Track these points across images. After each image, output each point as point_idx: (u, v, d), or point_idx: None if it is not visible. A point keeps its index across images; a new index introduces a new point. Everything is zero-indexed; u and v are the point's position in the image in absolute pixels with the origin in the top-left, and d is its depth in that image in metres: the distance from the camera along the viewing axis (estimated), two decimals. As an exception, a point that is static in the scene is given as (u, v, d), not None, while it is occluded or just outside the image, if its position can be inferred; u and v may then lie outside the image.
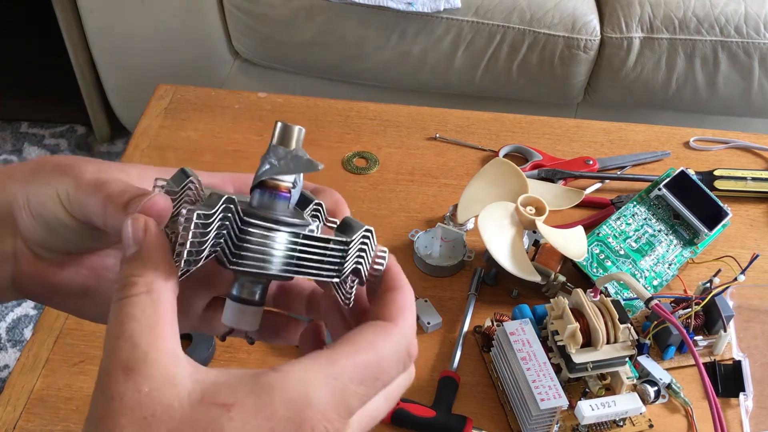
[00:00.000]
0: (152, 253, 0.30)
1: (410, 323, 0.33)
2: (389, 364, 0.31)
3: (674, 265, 0.73)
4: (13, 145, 1.98)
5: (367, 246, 0.34)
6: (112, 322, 0.28)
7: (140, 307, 0.28)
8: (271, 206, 0.32)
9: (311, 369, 0.28)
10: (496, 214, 0.69)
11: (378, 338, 0.31)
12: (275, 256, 0.31)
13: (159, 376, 0.27)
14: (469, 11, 1.43)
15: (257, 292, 0.34)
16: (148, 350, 0.27)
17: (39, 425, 0.61)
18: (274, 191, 0.33)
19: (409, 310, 0.33)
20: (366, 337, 0.31)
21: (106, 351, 0.28)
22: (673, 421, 0.63)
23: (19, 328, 1.57)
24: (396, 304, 0.33)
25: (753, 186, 0.82)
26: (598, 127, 0.92)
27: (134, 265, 0.30)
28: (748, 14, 1.43)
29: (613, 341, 0.60)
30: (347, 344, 0.30)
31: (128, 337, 0.27)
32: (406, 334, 0.32)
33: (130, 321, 0.28)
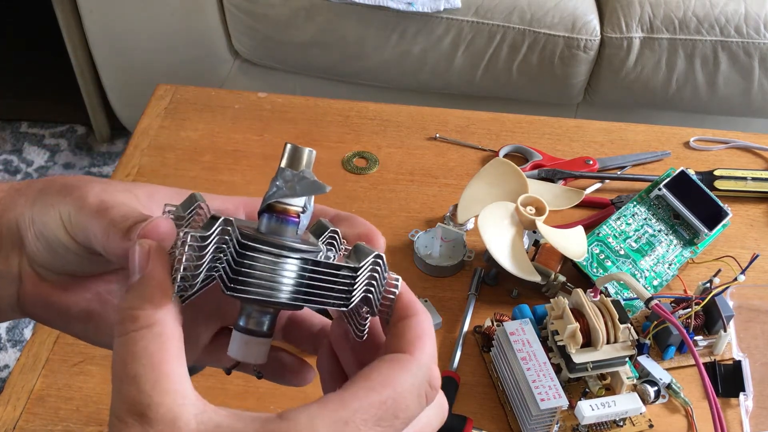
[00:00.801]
0: (153, 282, 0.29)
1: (428, 352, 0.30)
2: (408, 400, 0.28)
3: (674, 265, 0.73)
4: (12, 145, 1.98)
5: (377, 273, 0.32)
6: (116, 361, 0.27)
7: (142, 344, 0.27)
8: (279, 231, 0.31)
9: (319, 415, 0.27)
10: (496, 214, 0.69)
11: (393, 373, 0.29)
12: (276, 282, 0.30)
13: (164, 420, 0.26)
14: (469, 11, 1.43)
15: (264, 322, 0.32)
16: (152, 393, 0.26)
17: (39, 425, 0.61)
18: (282, 215, 0.31)
19: (425, 338, 0.31)
20: (380, 373, 0.29)
21: (113, 393, 0.27)
22: (673, 421, 0.63)
23: (19, 328, 1.57)
24: (411, 332, 0.31)
25: (753, 186, 0.82)
26: (598, 127, 0.92)
27: (135, 296, 0.29)
28: (748, 14, 1.43)
29: (613, 341, 0.60)
30: (360, 383, 0.28)
31: (132, 379, 0.27)
32: (424, 364, 0.30)
33: (133, 361, 0.27)
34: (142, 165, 0.83)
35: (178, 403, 0.26)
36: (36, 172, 1.90)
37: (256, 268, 0.30)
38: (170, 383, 0.27)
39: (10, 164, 1.92)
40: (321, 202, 0.35)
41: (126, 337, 0.28)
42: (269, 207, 0.31)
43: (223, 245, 0.30)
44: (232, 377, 0.64)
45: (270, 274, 0.30)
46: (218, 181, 0.82)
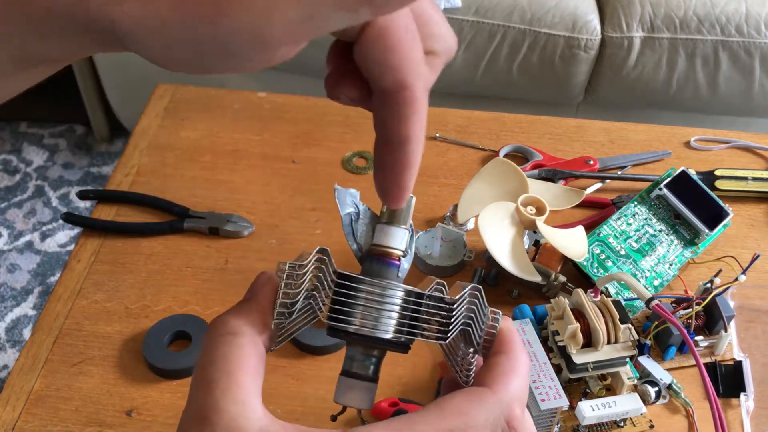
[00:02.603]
0: (255, 302, 0.29)
1: (512, 391, 0.29)
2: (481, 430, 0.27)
3: (675, 265, 0.73)
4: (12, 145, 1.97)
5: (476, 306, 0.31)
6: (198, 363, 0.27)
7: (223, 349, 0.27)
8: (379, 273, 0.31)
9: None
10: (496, 214, 0.69)
11: (470, 405, 0.28)
12: (378, 315, 0.30)
13: (227, 428, 0.25)
14: (469, 11, 1.43)
15: (369, 366, 0.32)
16: (220, 398, 0.26)
17: (38, 425, 0.60)
18: (384, 258, 0.32)
19: (513, 376, 0.29)
20: (453, 402, 0.28)
21: (189, 393, 0.27)
22: (674, 422, 0.63)
23: (18, 329, 1.57)
24: (499, 368, 0.29)
25: (754, 186, 0.82)
26: (599, 127, 0.91)
27: (236, 309, 0.29)
28: (749, 14, 1.43)
29: (614, 341, 0.59)
30: (431, 409, 0.27)
31: (206, 382, 0.27)
32: (504, 402, 0.28)
33: (211, 364, 0.27)
34: (141, 165, 0.83)
35: (243, 415, 0.26)
36: (35, 172, 1.90)
37: (356, 299, 0.30)
38: (240, 393, 0.26)
39: (9, 164, 1.92)
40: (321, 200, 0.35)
41: (211, 340, 0.28)
42: (370, 252, 0.32)
43: (319, 274, 0.30)
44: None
45: (369, 306, 0.30)
46: (218, 181, 0.82)
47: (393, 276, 0.32)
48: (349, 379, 0.32)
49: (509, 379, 0.29)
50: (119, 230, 0.76)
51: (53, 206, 1.82)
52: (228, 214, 0.77)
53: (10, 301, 1.62)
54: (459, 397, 0.28)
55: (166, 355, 0.64)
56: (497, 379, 0.29)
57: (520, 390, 0.29)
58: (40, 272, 1.68)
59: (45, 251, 1.72)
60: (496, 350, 0.31)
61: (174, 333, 0.66)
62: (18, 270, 1.68)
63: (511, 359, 0.30)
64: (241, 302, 0.30)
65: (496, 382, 0.29)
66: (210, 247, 0.75)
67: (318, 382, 0.64)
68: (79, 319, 0.68)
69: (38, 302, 1.62)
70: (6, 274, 1.67)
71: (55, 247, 1.73)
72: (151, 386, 0.63)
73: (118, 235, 0.76)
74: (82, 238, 0.75)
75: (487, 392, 0.28)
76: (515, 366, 0.30)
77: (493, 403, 0.28)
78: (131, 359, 0.65)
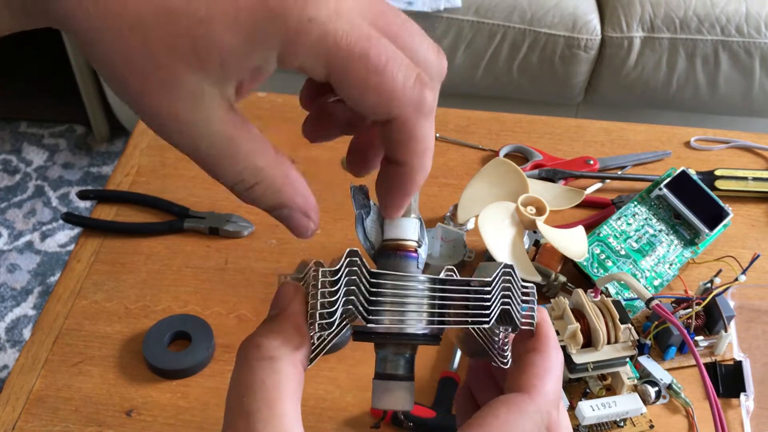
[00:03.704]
0: (290, 318, 0.28)
1: (550, 395, 0.28)
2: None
3: (675, 265, 0.73)
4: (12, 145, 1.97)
5: (511, 283, 0.31)
6: (232, 389, 0.26)
7: (260, 376, 0.26)
8: (398, 268, 0.31)
9: None
10: (496, 214, 0.69)
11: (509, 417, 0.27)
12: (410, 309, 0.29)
13: None
14: (469, 10, 1.43)
15: (402, 363, 0.31)
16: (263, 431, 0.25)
17: (38, 425, 0.60)
18: (400, 252, 0.31)
19: (549, 378, 0.29)
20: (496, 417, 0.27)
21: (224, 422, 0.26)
22: (674, 422, 0.63)
23: (18, 329, 1.57)
24: (534, 369, 0.29)
25: (754, 186, 0.82)
26: (599, 127, 0.91)
27: (267, 328, 0.28)
28: (749, 14, 1.43)
29: (614, 341, 0.59)
30: (475, 427, 0.27)
31: (245, 414, 0.25)
32: (543, 409, 0.28)
33: (248, 393, 0.26)
34: (141, 165, 0.83)
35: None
36: (35, 172, 1.90)
37: (387, 294, 0.29)
38: (282, 425, 0.25)
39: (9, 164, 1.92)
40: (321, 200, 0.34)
41: (246, 365, 0.26)
42: (384, 247, 0.31)
43: (353, 277, 0.29)
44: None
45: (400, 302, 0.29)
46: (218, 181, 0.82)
47: (413, 268, 0.31)
48: (387, 382, 0.30)
49: (545, 383, 0.29)
50: (119, 230, 0.76)
51: (53, 206, 1.82)
52: (228, 214, 0.77)
53: (10, 301, 1.62)
54: (500, 410, 0.27)
55: (166, 355, 0.64)
56: (533, 383, 0.29)
57: (556, 392, 0.29)
58: (40, 272, 1.68)
59: (45, 251, 1.72)
60: (531, 347, 0.30)
61: (174, 333, 0.66)
62: (18, 270, 1.68)
63: (546, 359, 0.29)
64: (271, 319, 0.28)
65: (533, 387, 0.28)
66: (210, 247, 0.75)
67: (318, 382, 0.64)
68: (79, 319, 0.68)
69: (38, 302, 1.62)
70: (6, 274, 1.67)
71: (55, 247, 1.73)
72: (151, 386, 0.63)
73: (118, 235, 0.76)
74: (82, 238, 0.75)
75: (526, 400, 0.28)
76: (550, 367, 0.29)
77: (533, 412, 0.28)
78: (131, 359, 0.65)
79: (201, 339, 0.65)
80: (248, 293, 0.70)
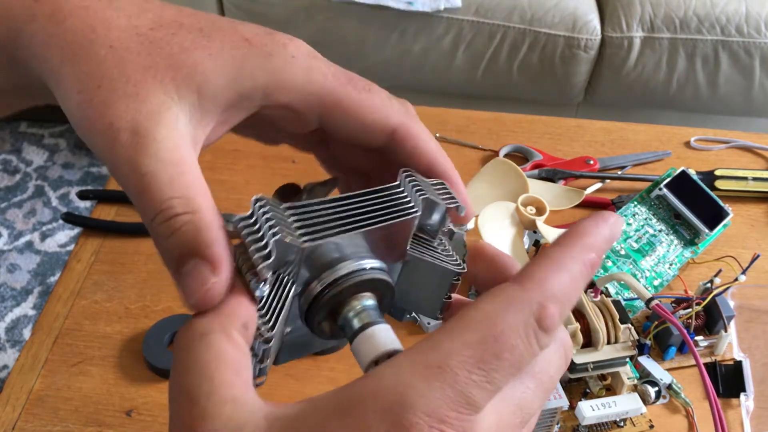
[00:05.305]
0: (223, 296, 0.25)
1: (547, 286, 0.24)
2: (513, 338, 0.23)
3: (675, 265, 0.73)
4: (12, 145, 1.97)
5: (419, 180, 0.29)
6: (172, 379, 0.25)
7: (194, 355, 0.24)
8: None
9: (407, 364, 0.23)
10: (496, 214, 0.69)
11: (493, 307, 0.23)
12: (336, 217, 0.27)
13: (225, 427, 0.23)
14: (469, 10, 1.43)
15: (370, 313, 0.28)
16: (207, 404, 0.23)
17: (38, 425, 0.60)
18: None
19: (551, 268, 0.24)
20: (478, 309, 0.24)
21: (170, 411, 0.24)
22: (674, 422, 0.63)
23: (18, 329, 1.57)
24: (537, 260, 0.25)
25: (754, 186, 0.82)
26: (599, 127, 0.91)
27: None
28: (749, 14, 1.43)
29: (614, 341, 0.59)
30: (456, 321, 0.23)
31: (186, 393, 0.24)
32: (535, 298, 0.24)
33: (186, 374, 0.24)
34: (141, 165, 0.83)
35: (240, 410, 0.23)
36: (35, 172, 1.90)
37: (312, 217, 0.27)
38: (228, 391, 0.23)
39: (9, 164, 1.92)
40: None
41: (181, 351, 0.25)
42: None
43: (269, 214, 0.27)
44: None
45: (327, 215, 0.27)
46: (218, 181, 0.82)
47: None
48: (361, 336, 0.27)
49: (544, 272, 0.24)
50: (119, 230, 0.76)
51: (53, 206, 1.82)
52: (228, 214, 0.76)
53: (10, 301, 1.62)
54: (484, 301, 0.24)
55: (166, 355, 0.64)
56: (529, 272, 0.24)
57: (561, 288, 0.24)
58: (40, 272, 1.68)
59: (45, 251, 1.72)
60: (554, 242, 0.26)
61: (174, 333, 0.66)
62: (18, 270, 1.68)
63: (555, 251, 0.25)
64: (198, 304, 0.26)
65: (527, 276, 0.24)
66: (210, 247, 0.75)
67: (318, 382, 0.64)
68: (79, 319, 0.68)
69: (38, 302, 1.62)
70: (6, 274, 1.67)
71: (55, 247, 1.73)
72: (151, 386, 0.63)
73: (118, 235, 0.76)
74: (82, 238, 0.75)
75: (515, 288, 0.24)
76: (558, 258, 0.25)
77: (520, 301, 0.24)
78: (131, 359, 0.65)
79: (201, 339, 0.65)
80: (248, 293, 0.70)
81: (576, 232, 0.26)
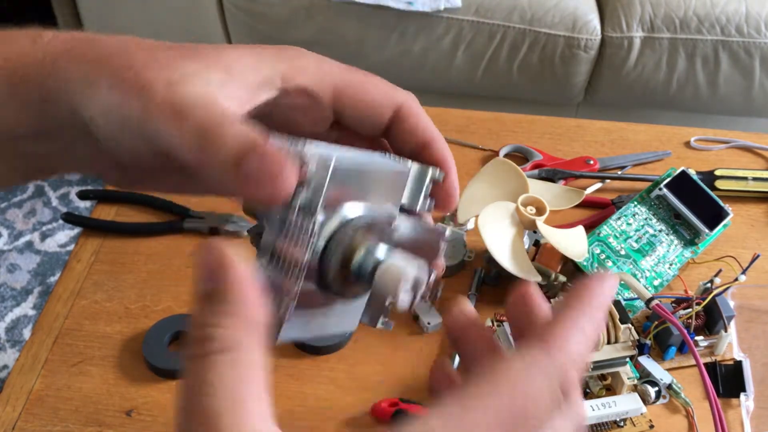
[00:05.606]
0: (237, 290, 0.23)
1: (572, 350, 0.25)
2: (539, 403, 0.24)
3: (675, 265, 0.73)
4: (12, 145, 1.97)
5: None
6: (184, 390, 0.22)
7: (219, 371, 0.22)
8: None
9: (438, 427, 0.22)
10: (496, 214, 0.69)
11: (523, 371, 0.24)
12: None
13: None
14: (469, 10, 1.43)
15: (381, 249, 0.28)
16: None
17: (38, 425, 0.60)
18: None
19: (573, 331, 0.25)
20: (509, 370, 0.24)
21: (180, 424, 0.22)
22: (674, 422, 0.63)
23: (18, 329, 1.57)
24: (559, 318, 0.26)
25: (754, 186, 0.82)
26: (599, 127, 0.91)
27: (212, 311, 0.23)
28: (749, 14, 1.43)
29: (614, 341, 0.59)
30: (486, 380, 0.24)
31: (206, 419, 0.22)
32: (561, 363, 0.24)
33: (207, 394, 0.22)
34: (141, 165, 0.83)
35: None
36: (36, 172, 1.90)
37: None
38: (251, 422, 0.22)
39: (10, 164, 1.92)
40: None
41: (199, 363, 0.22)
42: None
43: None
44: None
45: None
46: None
47: None
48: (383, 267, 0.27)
49: (568, 334, 0.25)
50: (119, 230, 0.76)
51: (53, 206, 1.82)
52: (228, 214, 0.77)
53: (10, 301, 1.62)
54: (513, 361, 0.24)
55: (166, 355, 0.64)
56: (554, 333, 0.25)
57: (580, 351, 0.25)
58: (40, 272, 1.68)
59: (45, 251, 1.72)
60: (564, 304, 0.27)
61: (174, 333, 0.66)
62: (18, 270, 1.68)
63: (573, 310, 0.26)
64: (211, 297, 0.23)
65: (551, 338, 0.25)
66: (210, 247, 0.75)
67: (318, 382, 0.64)
68: (79, 319, 0.68)
69: (38, 302, 1.62)
70: (6, 274, 1.67)
71: (55, 247, 1.73)
72: (151, 386, 0.63)
73: (118, 235, 0.76)
74: (82, 238, 0.75)
75: (543, 352, 0.24)
76: (577, 319, 0.26)
77: (548, 365, 0.24)
78: (131, 359, 0.65)
79: (201, 339, 0.65)
80: (248, 293, 0.70)
81: (587, 294, 0.27)
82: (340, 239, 0.28)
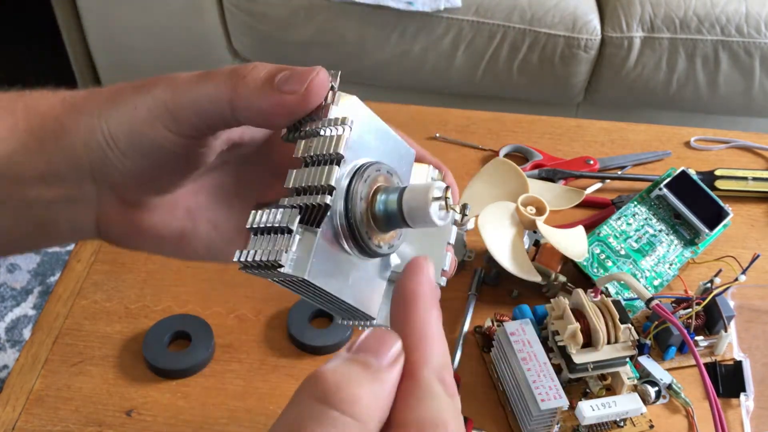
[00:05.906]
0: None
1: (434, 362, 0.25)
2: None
3: (675, 265, 0.73)
4: (12, 145, 1.97)
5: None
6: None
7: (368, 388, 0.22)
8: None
9: None
10: (496, 214, 0.69)
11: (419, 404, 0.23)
12: None
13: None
14: (469, 10, 1.43)
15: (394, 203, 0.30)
16: None
17: (38, 425, 0.60)
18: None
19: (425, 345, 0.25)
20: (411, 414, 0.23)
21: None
22: (674, 422, 0.63)
23: (18, 329, 1.57)
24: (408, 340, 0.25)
25: (754, 186, 0.82)
26: (599, 127, 0.91)
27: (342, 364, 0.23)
28: (749, 14, 1.43)
29: (614, 341, 0.59)
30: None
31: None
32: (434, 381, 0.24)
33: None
34: (141, 165, 0.83)
35: None
36: (36, 172, 1.90)
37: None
38: None
39: (10, 164, 1.92)
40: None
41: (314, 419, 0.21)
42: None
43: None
44: (232, 378, 0.64)
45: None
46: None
47: None
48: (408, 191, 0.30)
49: (426, 348, 0.25)
50: (119, 230, 0.76)
51: (53, 206, 1.82)
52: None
53: (10, 301, 1.62)
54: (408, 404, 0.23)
55: (166, 355, 0.64)
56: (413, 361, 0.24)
57: (442, 353, 0.25)
58: (40, 272, 1.68)
59: (45, 251, 1.72)
60: (394, 318, 0.25)
61: (174, 333, 0.66)
62: (18, 270, 1.68)
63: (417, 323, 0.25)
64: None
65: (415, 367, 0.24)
66: (210, 247, 0.75)
67: (318, 382, 0.64)
68: (79, 319, 0.68)
69: (38, 302, 1.62)
70: (6, 274, 1.67)
71: (55, 247, 1.73)
72: (151, 386, 0.63)
73: (118, 235, 0.75)
74: (82, 238, 0.75)
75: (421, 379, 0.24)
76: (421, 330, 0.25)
77: (430, 389, 0.23)
78: (131, 359, 0.65)
79: (201, 339, 0.65)
80: (248, 293, 0.70)
81: (414, 295, 0.26)
82: (367, 175, 0.30)
